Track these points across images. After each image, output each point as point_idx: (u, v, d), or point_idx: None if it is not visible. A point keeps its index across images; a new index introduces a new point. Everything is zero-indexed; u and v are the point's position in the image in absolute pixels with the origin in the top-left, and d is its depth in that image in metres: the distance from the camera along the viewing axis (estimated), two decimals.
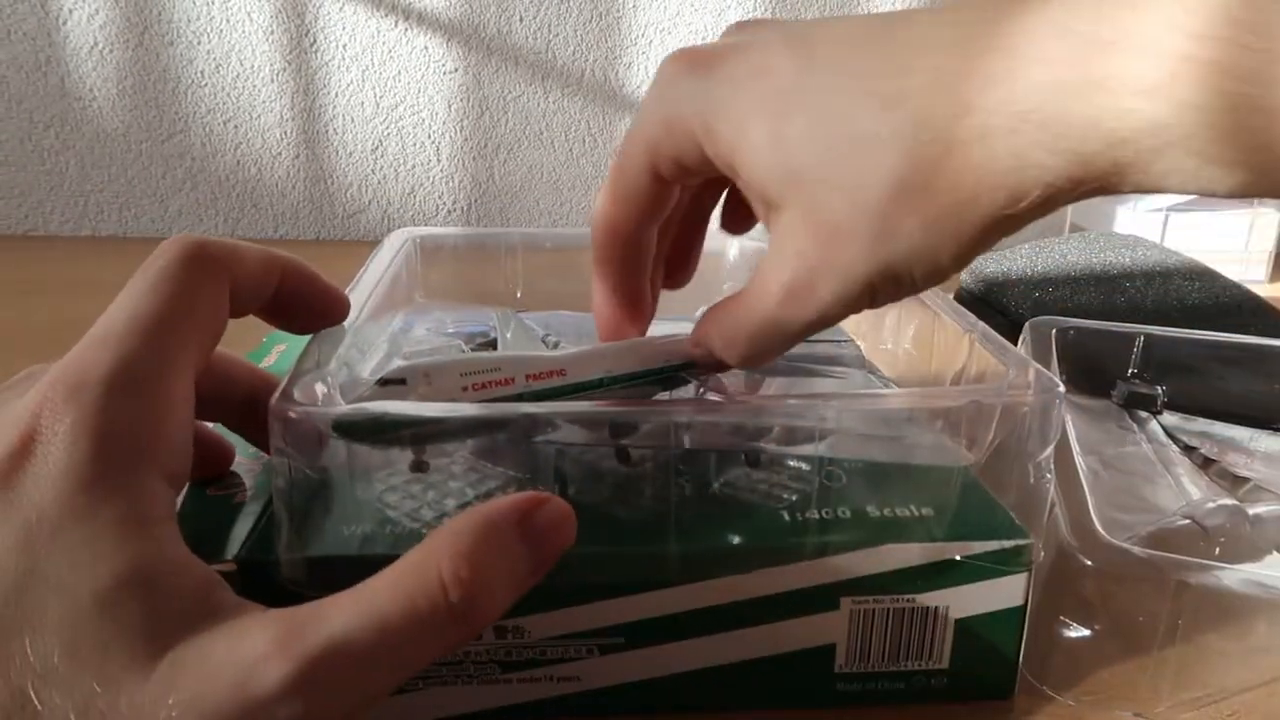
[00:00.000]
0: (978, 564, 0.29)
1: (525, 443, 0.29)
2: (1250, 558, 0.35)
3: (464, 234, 0.52)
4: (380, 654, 0.20)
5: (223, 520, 0.29)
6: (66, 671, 0.18)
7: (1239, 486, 0.41)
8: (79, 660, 0.18)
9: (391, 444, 0.27)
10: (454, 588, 0.20)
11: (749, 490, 0.31)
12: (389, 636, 0.20)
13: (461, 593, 0.20)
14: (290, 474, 0.26)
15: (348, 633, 0.19)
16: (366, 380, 0.28)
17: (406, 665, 0.21)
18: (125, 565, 0.19)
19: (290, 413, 0.25)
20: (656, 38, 0.94)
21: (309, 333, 0.30)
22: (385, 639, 0.20)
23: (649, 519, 0.29)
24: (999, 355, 0.32)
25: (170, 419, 0.22)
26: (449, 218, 0.97)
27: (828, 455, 0.31)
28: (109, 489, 0.20)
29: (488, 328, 0.44)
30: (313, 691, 0.19)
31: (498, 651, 0.28)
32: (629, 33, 0.94)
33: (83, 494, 0.20)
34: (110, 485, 0.20)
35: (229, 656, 0.19)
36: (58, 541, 0.19)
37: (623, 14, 0.93)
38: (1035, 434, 0.29)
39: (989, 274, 0.64)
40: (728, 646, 0.29)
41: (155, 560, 0.20)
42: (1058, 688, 0.31)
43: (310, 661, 0.19)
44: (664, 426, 0.29)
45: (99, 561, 0.19)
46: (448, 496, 0.29)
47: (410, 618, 0.20)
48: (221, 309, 0.25)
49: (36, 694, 0.18)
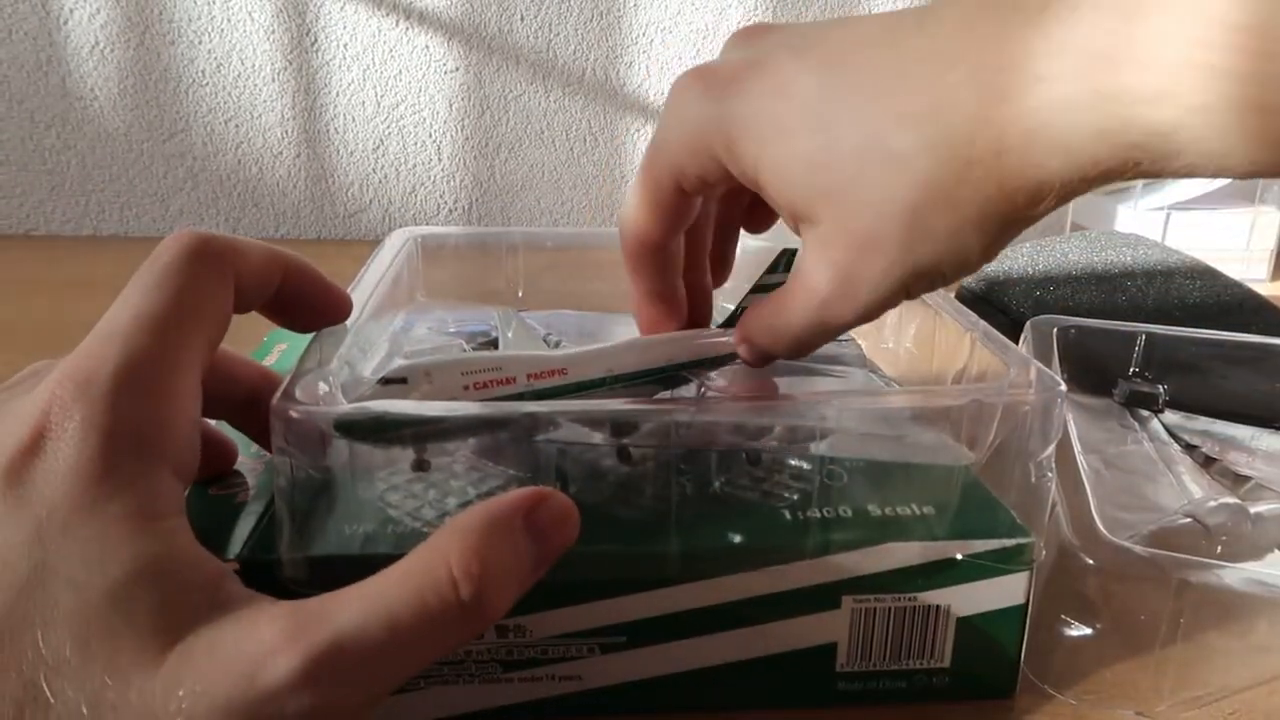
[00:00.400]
0: (979, 563, 0.29)
1: (526, 442, 0.29)
2: (1252, 556, 0.35)
3: (465, 233, 0.52)
4: (390, 649, 0.20)
5: (225, 520, 0.29)
6: (78, 664, 0.19)
7: (1240, 485, 0.41)
8: (90, 653, 0.19)
9: (393, 443, 0.27)
10: (464, 584, 0.20)
11: (750, 489, 0.31)
12: (399, 633, 0.20)
13: (472, 589, 0.20)
14: (292, 473, 0.26)
15: (357, 628, 0.19)
16: (368, 379, 0.28)
17: (415, 661, 0.21)
18: (135, 560, 0.20)
19: (292, 412, 0.25)
20: (657, 37, 0.94)
21: (311, 331, 0.30)
22: (395, 635, 0.20)
23: (650, 518, 0.29)
24: (1000, 354, 0.32)
25: (178, 415, 0.22)
26: (450, 217, 0.97)
27: (829, 454, 0.31)
28: (118, 484, 0.20)
29: (489, 327, 0.44)
30: (321, 685, 0.19)
31: (499, 651, 0.28)
32: (630, 32, 0.94)
33: (92, 489, 0.20)
34: (119, 480, 0.20)
35: (238, 649, 0.19)
36: (68, 536, 0.19)
37: (623, 13, 0.93)
38: (1036, 433, 0.29)
39: (990, 273, 0.64)
40: (729, 645, 0.29)
41: (165, 554, 0.20)
42: (1059, 686, 0.31)
43: (320, 655, 0.19)
44: (664, 426, 0.29)
45: (109, 556, 0.19)
46: (449, 496, 0.29)
47: (420, 614, 0.20)
48: (225, 304, 0.25)
49: (49, 686, 0.18)
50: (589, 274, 0.49)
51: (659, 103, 0.93)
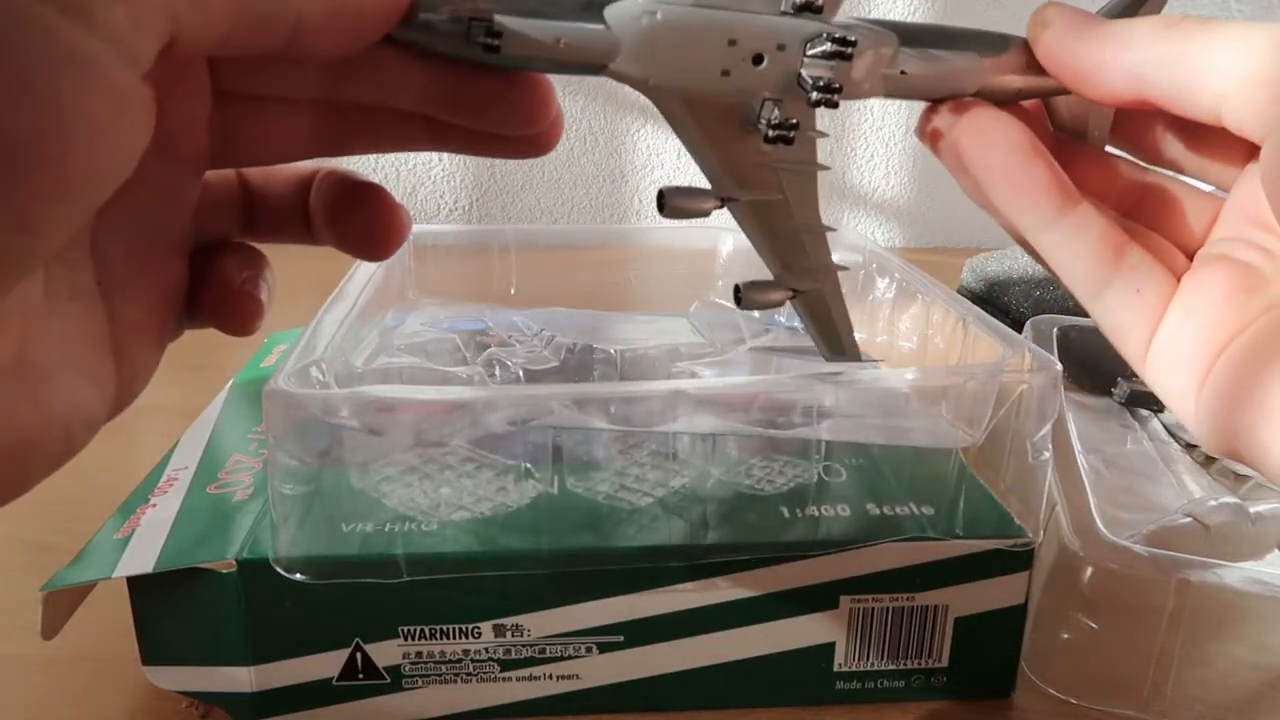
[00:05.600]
0: (978, 562, 0.29)
1: (523, 428, 0.29)
2: (1252, 556, 0.35)
3: (457, 231, 0.52)
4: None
5: (223, 519, 0.29)
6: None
7: (1240, 484, 0.41)
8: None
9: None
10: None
11: (748, 485, 0.31)
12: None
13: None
14: (286, 464, 0.26)
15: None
16: (359, 370, 0.27)
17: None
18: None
19: (287, 399, 0.25)
20: None
21: (366, 256, 0.24)
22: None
23: (647, 514, 0.29)
24: (995, 337, 0.32)
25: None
26: (450, 216, 0.97)
27: (827, 438, 0.31)
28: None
29: (481, 324, 0.44)
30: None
31: (497, 650, 0.28)
32: None
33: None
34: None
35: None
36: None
37: None
38: (1033, 413, 0.28)
39: (990, 273, 0.64)
40: (727, 645, 0.29)
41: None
42: (1058, 686, 0.31)
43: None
44: (661, 408, 0.28)
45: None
46: (444, 486, 0.29)
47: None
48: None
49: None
50: (582, 272, 0.49)
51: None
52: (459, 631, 0.28)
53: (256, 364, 0.44)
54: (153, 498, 0.31)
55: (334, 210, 0.23)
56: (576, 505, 0.30)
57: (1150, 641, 0.29)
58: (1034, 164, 0.24)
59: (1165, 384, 0.24)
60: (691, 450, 0.31)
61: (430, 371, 0.38)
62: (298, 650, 0.28)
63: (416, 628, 0.28)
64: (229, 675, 0.28)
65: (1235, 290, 0.23)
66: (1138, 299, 0.24)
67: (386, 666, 0.28)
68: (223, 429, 0.36)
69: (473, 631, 0.28)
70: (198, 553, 0.27)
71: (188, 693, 0.29)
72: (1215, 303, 0.23)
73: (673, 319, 0.46)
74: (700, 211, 0.25)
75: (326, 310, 0.32)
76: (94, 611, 0.29)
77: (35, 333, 0.17)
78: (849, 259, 0.45)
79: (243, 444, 0.33)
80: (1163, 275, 0.24)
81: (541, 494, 0.30)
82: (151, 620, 0.28)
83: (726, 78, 0.22)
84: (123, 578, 0.27)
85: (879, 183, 1.00)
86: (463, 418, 0.27)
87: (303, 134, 0.22)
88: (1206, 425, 0.23)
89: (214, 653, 0.28)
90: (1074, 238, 0.24)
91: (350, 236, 0.23)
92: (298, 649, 0.28)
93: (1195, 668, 0.30)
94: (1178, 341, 0.23)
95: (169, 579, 0.27)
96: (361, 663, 0.28)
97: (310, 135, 0.22)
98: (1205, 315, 0.23)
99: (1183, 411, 0.24)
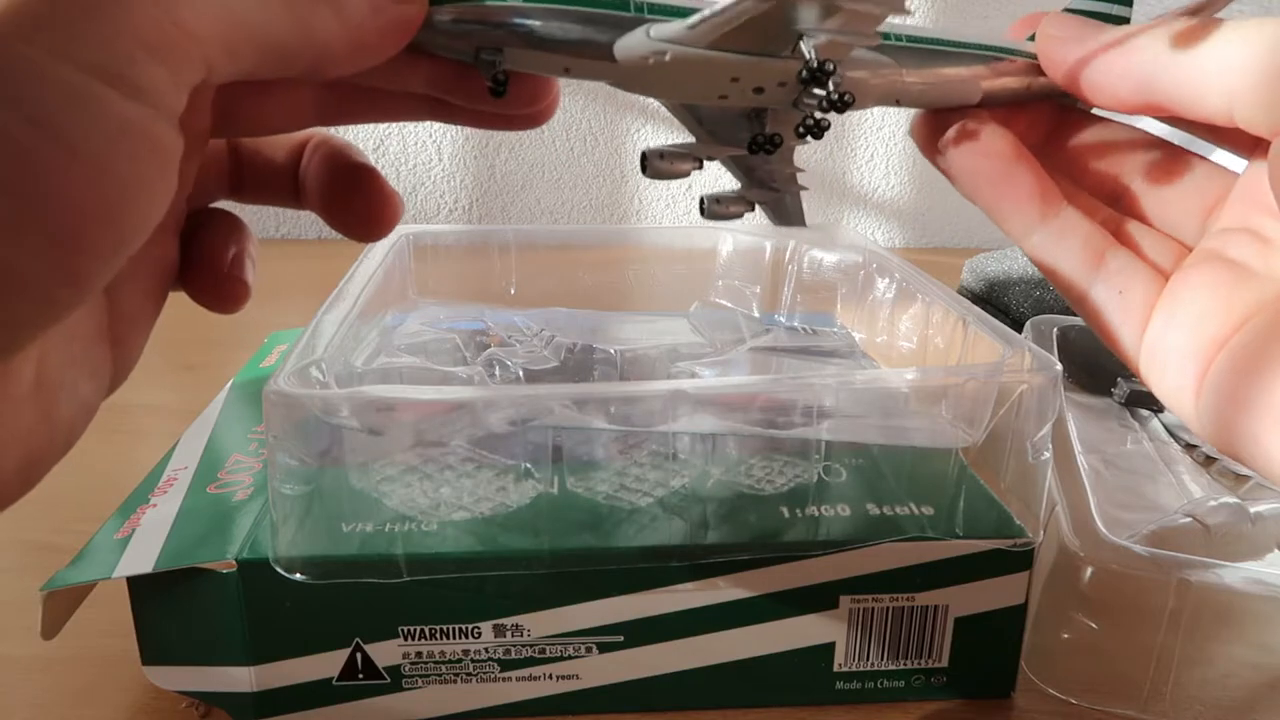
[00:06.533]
0: (978, 562, 0.29)
1: (523, 428, 0.29)
2: (1252, 556, 0.35)
3: (457, 231, 0.52)
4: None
5: (223, 519, 0.29)
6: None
7: (1240, 484, 0.41)
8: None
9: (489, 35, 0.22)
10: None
11: (748, 485, 0.31)
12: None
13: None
14: (286, 464, 0.26)
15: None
16: (359, 370, 0.27)
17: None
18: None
19: (286, 399, 0.25)
20: None
21: (356, 237, 0.25)
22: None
23: (647, 514, 0.29)
24: (994, 337, 0.32)
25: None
26: (450, 216, 0.97)
27: (827, 438, 0.31)
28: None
29: (482, 324, 0.44)
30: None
31: (497, 650, 0.28)
32: None
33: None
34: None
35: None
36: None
37: None
38: (1033, 413, 0.28)
39: (990, 273, 0.64)
40: (727, 645, 0.29)
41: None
42: (1058, 686, 0.31)
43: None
44: (661, 408, 0.28)
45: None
46: (444, 486, 0.29)
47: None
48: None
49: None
50: (582, 271, 0.49)
51: (659, 102, 0.93)
52: (459, 631, 0.28)
53: (256, 364, 0.44)
54: (153, 498, 0.31)
55: (328, 189, 0.24)
56: (576, 505, 0.30)
57: (1150, 641, 0.29)
58: (1017, 170, 0.24)
59: (1158, 383, 0.24)
60: (691, 450, 0.31)
61: (430, 371, 0.38)
62: (298, 650, 0.28)
63: (416, 628, 0.28)
64: (229, 675, 0.28)
65: (1219, 289, 0.23)
66: (1121, 301, 0.24)
67: (386, 666, 0.28)
68: (222, 429, 0.36)
69: (473, 631, 0.28)
70: (198, 553, 0.27)
71: (188, 693, 0.29)
72: (1199, 302, 0.23)
73: (673, 319, 0.46)
74: (681, 173, 0.26)
75: (326, 310, 0.32)
76: (94, 611, 0.29)
77: (47, 346, 0.18)
78: (849, 259, 0.45)
79: (243, 444, 0.33)
80: (1148, 277, 0.24)
81: (541, 494, 0.30)
82: (151, 620, 0.28)
83: (724, 99, 0.24)
84: (123, 578, 0.27)
85: (879, 183, 1.00)
86: (463, 418, 0.27)
87: (304, 109, 0.22)
88: (1209, 426, 0.23)
89: (214, 653, 0.28)
90: (1057, 241, 0.24)
91: (342, 217, 0.24)
92: (298, 649, 0.28)
93: (1195, 668, 0.30)
94: (1166, 342, 0.24)
95: (169, 579, 0.27)
96: (361, 663, 0.28)
97: (312, 110, 0.23)
98: (1189, 315, 0.23)
99: (1181, 410, 0.24)
